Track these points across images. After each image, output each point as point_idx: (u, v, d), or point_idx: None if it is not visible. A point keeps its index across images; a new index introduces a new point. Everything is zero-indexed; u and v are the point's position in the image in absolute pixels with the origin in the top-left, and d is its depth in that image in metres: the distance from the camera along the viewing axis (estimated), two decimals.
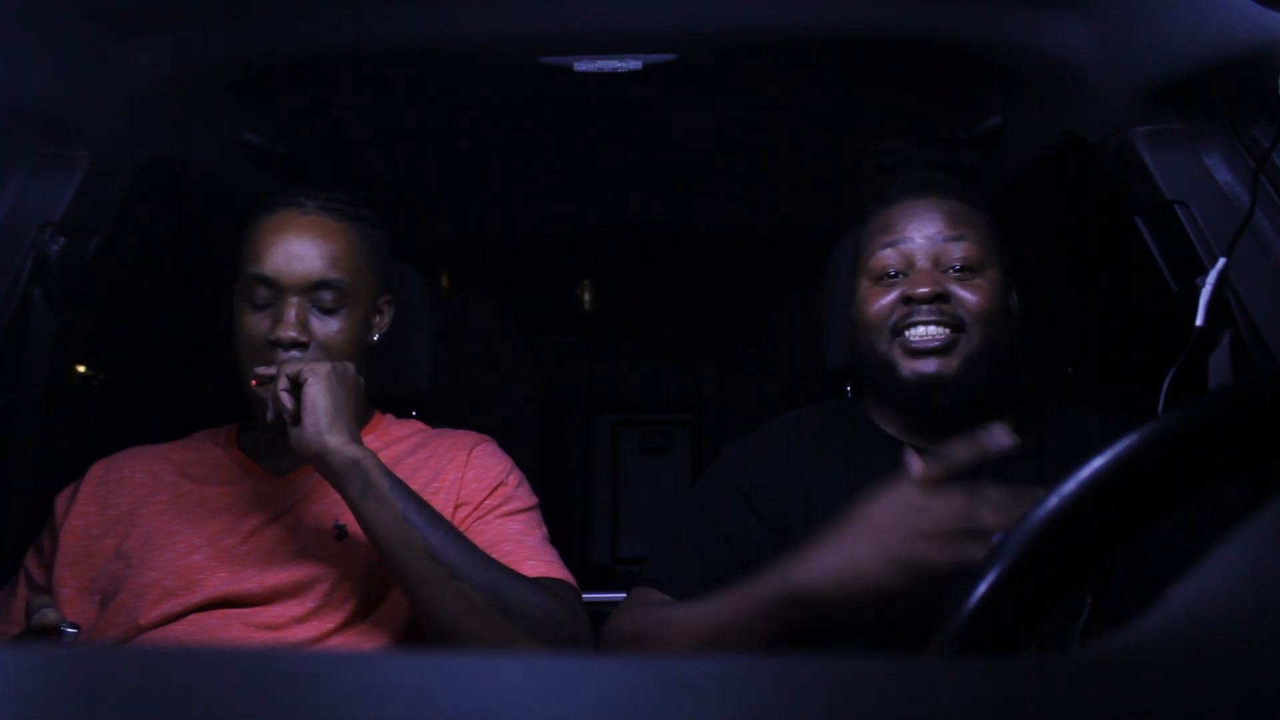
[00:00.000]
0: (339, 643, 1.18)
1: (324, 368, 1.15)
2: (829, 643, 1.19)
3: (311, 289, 1.25)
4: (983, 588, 0.44)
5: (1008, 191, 1.88)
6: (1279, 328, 1.23)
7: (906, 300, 1.23)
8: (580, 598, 1.25)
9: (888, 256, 1.26)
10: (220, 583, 1.19)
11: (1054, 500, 0.44)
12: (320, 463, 1.12)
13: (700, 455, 2.73)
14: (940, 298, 1.22)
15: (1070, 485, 0.44)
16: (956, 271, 1.24)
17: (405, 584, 1.12)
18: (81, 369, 1.76)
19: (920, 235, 1.26)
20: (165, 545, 1.22)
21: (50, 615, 1.05)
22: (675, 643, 1.11)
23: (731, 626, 1.07)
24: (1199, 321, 1.24)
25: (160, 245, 1.80)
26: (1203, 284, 1.26)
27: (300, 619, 1.18)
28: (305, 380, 1.14)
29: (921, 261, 1.25)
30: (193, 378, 2.03)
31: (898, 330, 1.23)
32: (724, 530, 1.25)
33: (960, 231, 1.26)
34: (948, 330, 1.21)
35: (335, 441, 1.11)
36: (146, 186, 1.54)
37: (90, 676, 0.25)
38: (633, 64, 1.54)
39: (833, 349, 1.59)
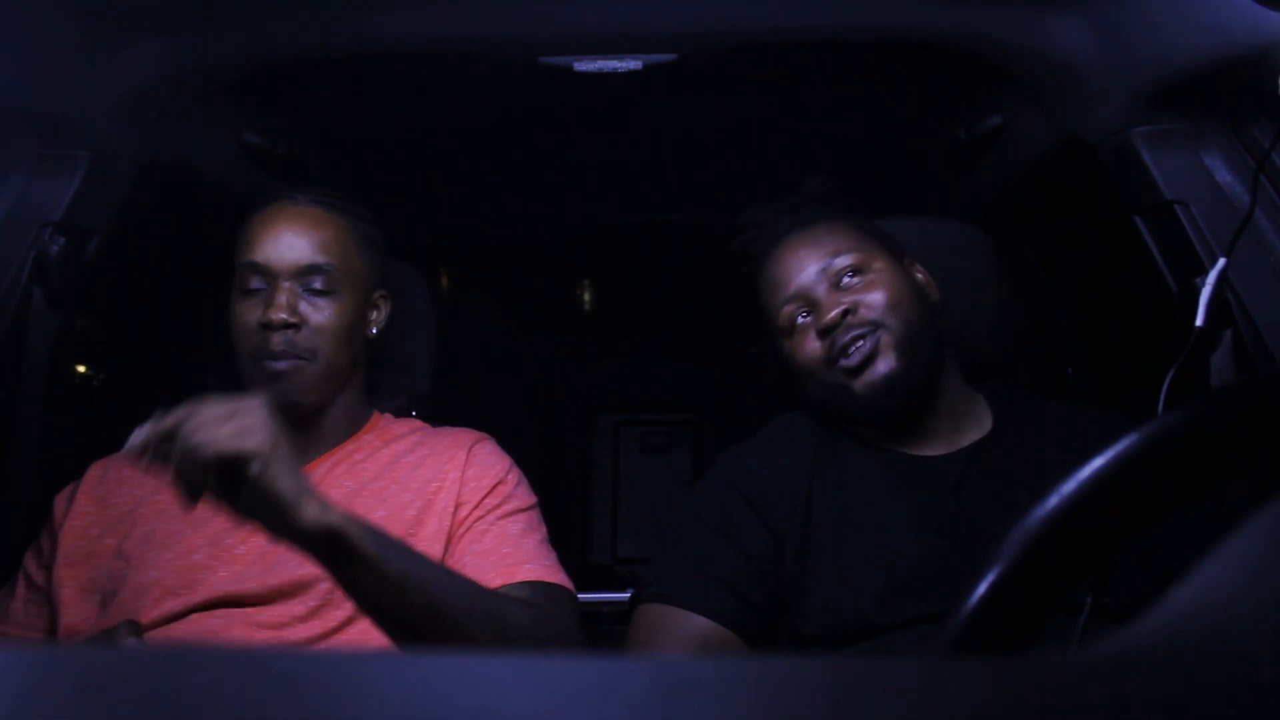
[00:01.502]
0: (341, 641, 1.18)
1: (258, 464, 0.90)
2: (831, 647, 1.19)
3: (301, 273, 1.27)
4: (983, 587, 0.44)
5: (1008, 191, 1.88)
6: (1279, 328, 1.23)
7: (823, 333, 1.27)
8: (575, 601, 1.25)
9: (790, 310, 1.31)
10: (221, 582, 1.19)
11: (1054, 500, 0.44)
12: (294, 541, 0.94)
13: (700, 455, 2.74)
14: (847, 313, 1.26)
15: (1070, 485, 0.44)
16: (850, 281, 1.28)
17: (401, 640, 1.02)
18: (81, 369, 1.76)
19: (801, 273, 1.31)
20: (166, 545, 1.22)
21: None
22: None
23: None
24: (1199, 321, 1.24)
25: (160, 245, 1.80)
26: (1203, 284, 1.26)
27: (301, 618, 1.18)
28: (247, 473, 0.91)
29: (818, 292, 1.29)
30: (193, 378, 2.03)
31: (832, 361, 1.27)
32: (730, 536, 1.25)
33: (834, 246, 1.31)
34: (869, 335, 1.25)
35: (308, 520, 0.90)
36: (146, 186, 1.54)
37: (90, 676, 0.25)
38: (633, 64, 1.54)
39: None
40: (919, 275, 1.36)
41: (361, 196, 1.39)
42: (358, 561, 0.93)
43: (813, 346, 1.29)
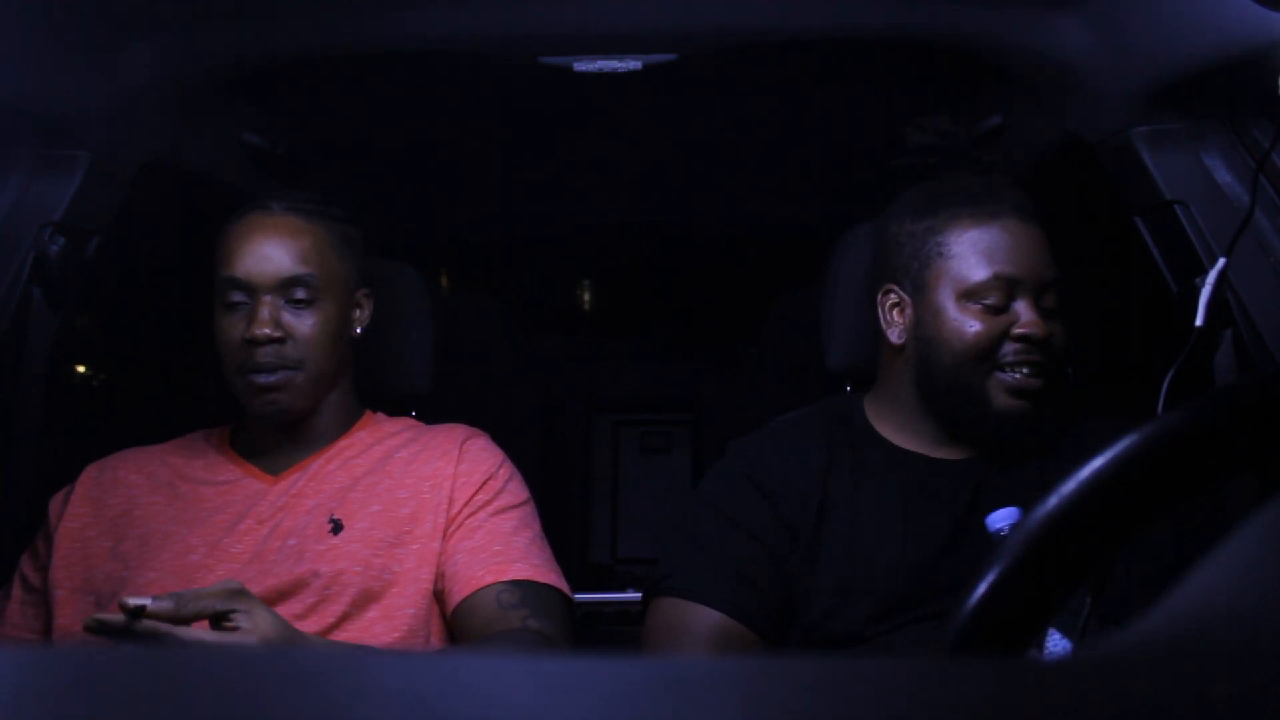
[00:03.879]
0: (338, 637, 1.18)
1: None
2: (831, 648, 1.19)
3: (283, 286, 1.27)
4: (983, 588, 0.44)
5: None
6: (1279, 328, 1.23)
7: (1019, 339, 1.21)
8: (567, 601, 1.25)
9: (992, 285, 1.22)
10: (218, 581, 1.19)
11: (1054, 500, 0.44)
12: None
13: (700, 455, 2.73)
14: (1047, 340, 1.21)
15: (1070, 485, 0.44)
16: (1048, 310, 1.23)
17: None
18: (81, 369, 1.76)
19: (1027, 268, 1.22)
20: (162, 546, 1.22)
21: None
22: None
23: None
24: (1199, 321, 1.24)
25: (160, 245, 1.80)
26: (1203, 284, 1.26)
27: (300, 615, 1.18)
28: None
29: (1026, 298, 1.22)
30: (192, 378, 2.02)
31: (1000, 366, 1.21)
32: (744, 527, 1.23)
33: (1055, 271, 1.24)
34: (1043, 373, 1.21)
35: None
36: (146, 187, 1.54)
37: (90, 676, 0.25)
38: (633, 64, 1.54)
39: (833, 349, 1.59)
40: None
41: (361, 196, 1.39)
42: None
43: (989, 334, 1.21)
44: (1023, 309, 1.22)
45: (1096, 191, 1.55)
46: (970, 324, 1.22)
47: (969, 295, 1.22)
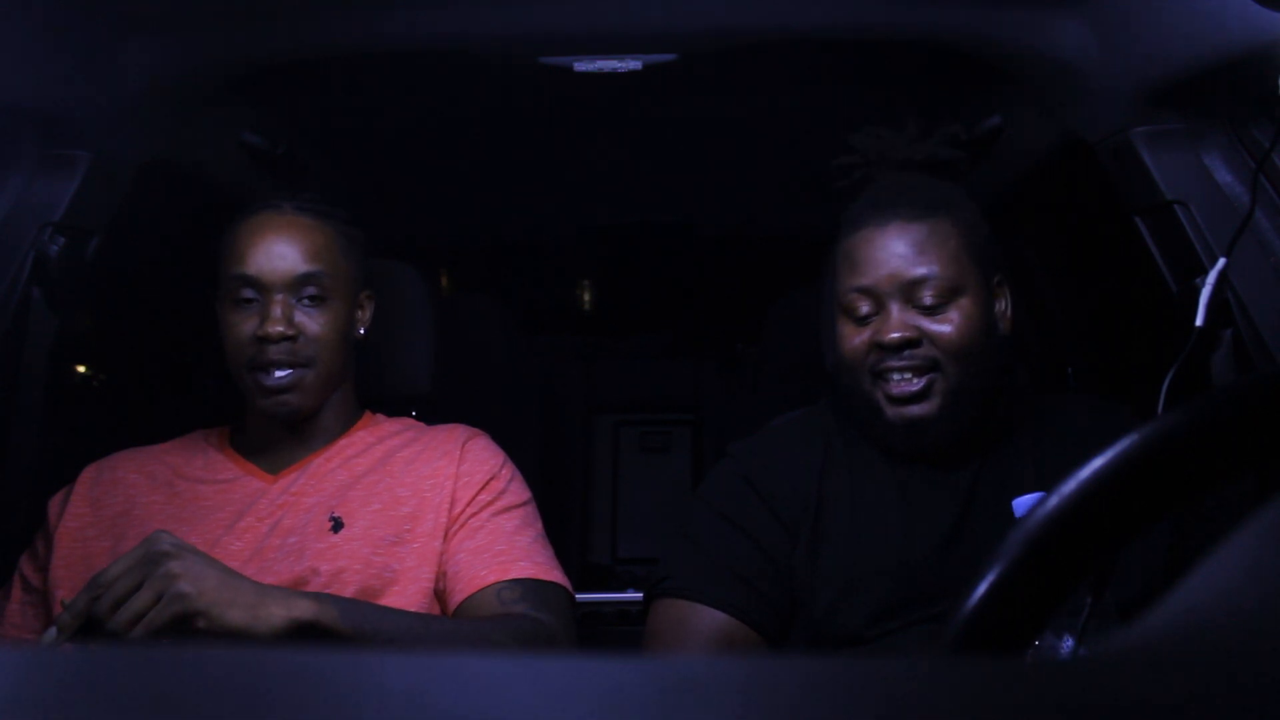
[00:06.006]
0: None
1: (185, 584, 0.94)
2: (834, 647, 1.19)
3: (295, 285, 1.28)
4: (983, 588, 0.44)
5: (1008, 191, 1.88)
6: (1279, 328, 1.23)
7: (877, 347, 1.20)
8: (570, 600, 1.25)
9: (857, 299, 1.22)
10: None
11: (1054, 500, 0.44)
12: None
13: (700, 455, 2.74)
14: (910, 344, 1.18)
15: (1070, 485, 0.44)
16: (926, 307, 1.19)
17: None
18: (81, 369, 1.76)
19: (884, 271, 1.20)
20: None
21: None
22: None
23: None
24: (1199, 321, 1.24)
25: (160, 246, 1.80)
26: (1203, 284, 1.26)
27: None
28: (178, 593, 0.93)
29: (890, 301, 1.20)
30: (192, 378, 2.03)
31: (876, 374, 1.21)
32: (745, 529, 1.24)
33: (927, 266, 1.19)
34: (924, 375, 1.19)
35: (275, 626, 0.96)
36: (146, 187, 1.54)
37: (90, 677, 0.25)
38: (633, 64, 1.54)
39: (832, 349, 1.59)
40: (1000, 303, 1.26)
41: (361, 197, 1.39)
42: (336, 637, 1.00)
43: (860, 343, 1.21)
44: (885, 315, 1.20)
45: (1096, 191, 1.55)
46: (845, 339, 1.24)
47: (841, 310, 1.25)
